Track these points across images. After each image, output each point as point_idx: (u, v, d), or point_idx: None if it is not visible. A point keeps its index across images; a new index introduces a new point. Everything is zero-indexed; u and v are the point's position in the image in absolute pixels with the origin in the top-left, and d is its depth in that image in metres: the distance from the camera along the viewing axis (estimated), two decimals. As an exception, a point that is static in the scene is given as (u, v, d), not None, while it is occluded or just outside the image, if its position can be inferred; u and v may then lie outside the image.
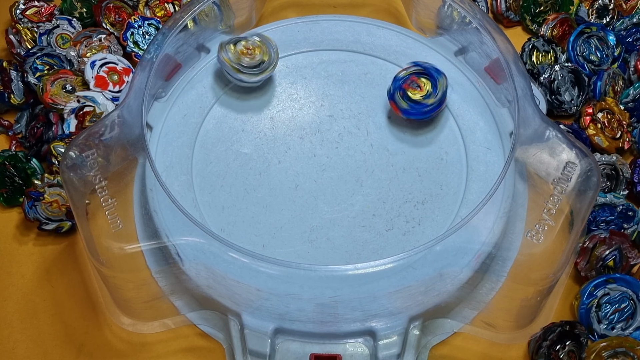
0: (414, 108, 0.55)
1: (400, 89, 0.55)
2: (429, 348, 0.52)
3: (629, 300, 0.53)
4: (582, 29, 0.65)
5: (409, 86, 0.55)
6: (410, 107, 0.55)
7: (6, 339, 0.53)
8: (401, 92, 0.55)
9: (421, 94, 0.55)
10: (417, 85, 0.54)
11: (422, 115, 0.55)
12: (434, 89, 0.55)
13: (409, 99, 0.54)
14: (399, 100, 0.55)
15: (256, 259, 0.47)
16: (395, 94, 0.55)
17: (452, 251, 0.50)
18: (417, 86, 0.54)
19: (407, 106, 0.55)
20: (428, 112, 0.55)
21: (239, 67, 0.56)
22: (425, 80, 0.55)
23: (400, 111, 0.55)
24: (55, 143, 0.58)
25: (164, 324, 0.53)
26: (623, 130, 0.60)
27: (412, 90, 0.55)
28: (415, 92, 0.55)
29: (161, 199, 0.52)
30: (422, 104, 0.55)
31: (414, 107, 0.55)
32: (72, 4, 0.67)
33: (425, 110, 0.55)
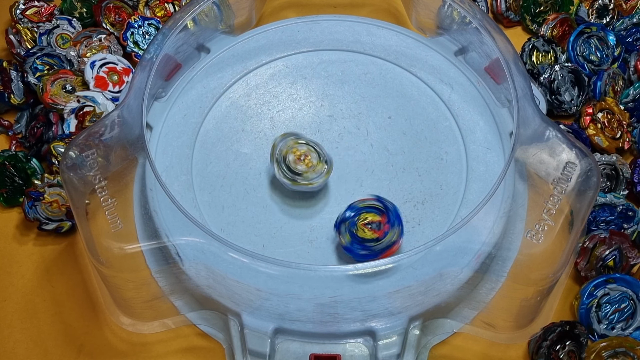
0: (353, 246, 0.49)
1: (352, 221, 0.49)
2: (429, 348, 0.52)
3: (629, 300, 0.53)
4: (582, 29, 0.65)
5: (364, 225, 0.49)
6: (351, 243, 0.49)
7: (6, 339, 0.53)
8: (351, 224, 0.49)
9: (368, 235, 0.49)
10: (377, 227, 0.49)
11: (357, 257, 0.50)
12: (383, 236, 0.49)
13: (356, 234, 0.49)
14: (344, 232, 0.49)
15: (256, 259, 0.47)
16: (342, 225, 0.50)
17: (452, 251, 0.50)
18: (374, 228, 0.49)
19: (346, 242, 0.49)
20: (364, 256, 0.49)
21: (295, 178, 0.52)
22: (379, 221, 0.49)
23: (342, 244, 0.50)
24: (55, 143, 0.58)
25: (164, 324, 0.53)
26: (623, 130, 0.60)
27: (362, 228, 0.49)
28: (364, 231, 0.49)
29: (161, 199, 0.52)
30: (364, 245, 0.49)
31: (354, 245, 0.49)
32: (72, 4, 0.68)
33: (362, 253, 0.49)
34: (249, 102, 0.58)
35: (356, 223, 0.49)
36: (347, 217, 0.49)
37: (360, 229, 0.49)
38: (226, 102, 0.58)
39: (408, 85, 0.59)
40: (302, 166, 0.52)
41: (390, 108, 0.58)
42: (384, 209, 0.49)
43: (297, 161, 0.52)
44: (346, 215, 0.50)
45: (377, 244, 0.49)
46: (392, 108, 0.58)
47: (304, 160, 0.52)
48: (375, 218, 0.49)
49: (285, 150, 0.52)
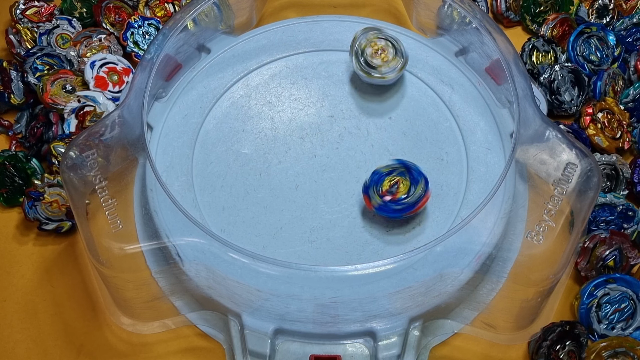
0: (386, 206, 0.51)
1: (377, 183, 0.51)
2: (429, 349, 0.52)
3: (629, 300, 0.53)
4: (582, 29, 0.65)
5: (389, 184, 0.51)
6: (384, 204, 0.51)
7: (6, 339, 0.53)
8: (378, 186, 0.51)
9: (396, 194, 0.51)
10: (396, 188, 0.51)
11: (393, 214, 0.51)
12: (409, 192, 0.51)
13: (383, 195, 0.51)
14: (373, 195, 0.51)
15: (256, 260, 0.47)
16: (370, 189, 0.51)
17: (453, 252, 0.50)
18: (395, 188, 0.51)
19: (378, 203, 0.51)
20: (400, 211, 0.51)
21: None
22: (404, 181, 0.51)
23: (372, 207, 0.51)
24: (55, 143, 0.58)
25: (164, 324, 0.53)
26: (623, 130, 0.60)
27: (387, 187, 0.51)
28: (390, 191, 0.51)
29: (161, 199, 0.52)
30: (395, 202, 0.50)
31: (387, 205, 0.51)
32: (72, 4, 0.67)
33: (396, 208, 0.51)
34: (250, 103, 0.58)
35: (382, 182, 0.51)
36: (372, 184, 0.51)
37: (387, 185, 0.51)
38: (227, 102, 0.58)
39: (408, 86, 0.59)
40: (378, 60, 0.55)
41: (390, 108, 0.58)
42: (406, 169, 0.51)
43: (374, 54, 0.54)
44: (372, 183, 0.51)
45: (408, 197, 0.51)
46: (392, 108, 0.58)
47: (381, 55, 0.54)
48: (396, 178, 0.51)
49: (364, 43, 0.55)
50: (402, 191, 0.51)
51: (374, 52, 0.55)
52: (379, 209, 0.51)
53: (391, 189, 0.50)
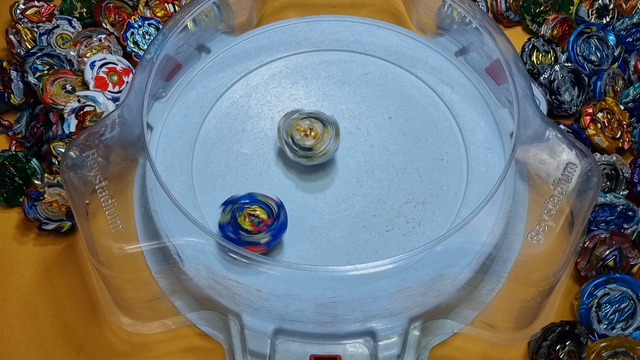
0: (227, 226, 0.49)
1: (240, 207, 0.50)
2: (429, 349, 0.52)
3: (629, 300, 0.53)
4: (582, 29, 0.65)
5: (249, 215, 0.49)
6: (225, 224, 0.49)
7: (6, 339, 0.53)
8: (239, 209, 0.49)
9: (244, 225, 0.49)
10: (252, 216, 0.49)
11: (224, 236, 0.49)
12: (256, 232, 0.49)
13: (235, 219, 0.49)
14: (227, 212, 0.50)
15: (256, 260, 0.47)
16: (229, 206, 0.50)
17: (453, 252, 0.50)
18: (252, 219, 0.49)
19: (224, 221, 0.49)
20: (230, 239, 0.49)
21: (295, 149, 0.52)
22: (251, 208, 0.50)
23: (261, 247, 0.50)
24: (55, 143, 0.58)
25: (164, 324, 0.53)
26: (623, 130, 0.60)
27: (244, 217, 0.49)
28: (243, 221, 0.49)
29: (161, 199, 0.52)
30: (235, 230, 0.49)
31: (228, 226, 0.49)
32: (72, 4, 0.67)
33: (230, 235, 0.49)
34: (250, 103, 0.58)
35: (244, 209, 0.49)
36: (239, 201, 0.50)
37: (244, 215, 0.49)
38: (226, 102, 0.58)
39: (408, 86, 0.59)
40: (311, 140, 0.52)
41: (390, 108, 0.58)
42: (276, 216, 0.50)
43: (304, 137, 0.52)
44: (240, 199, 0.50)
45: (246, 235, 0.49)
46: (392, 108, 0.58)
47: (311, 134, 0.52)
48: (263, 215, 0.49)
49: (290, 130, 0.53)
50: (247, 224, 0.49)
51: (303, 136, 0.52)
52: (220, 226, 0.50)
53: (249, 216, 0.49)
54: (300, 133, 0.52)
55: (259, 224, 0.49)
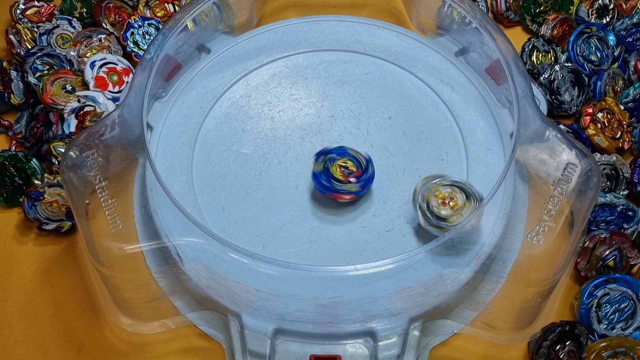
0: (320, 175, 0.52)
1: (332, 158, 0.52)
2: (429, 349, 0.52)
3: (629, 300, 0.53)
4: (582, 29, 0.65)
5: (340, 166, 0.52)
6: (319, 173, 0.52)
7: (6, 339, 0.53)
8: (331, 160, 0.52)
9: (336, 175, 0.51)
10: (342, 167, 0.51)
11: (319, 187, 0.52)
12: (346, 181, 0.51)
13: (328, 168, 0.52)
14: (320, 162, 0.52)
15: (256, 260, 0.47)
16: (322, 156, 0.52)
17: (453, 252, 0.50)
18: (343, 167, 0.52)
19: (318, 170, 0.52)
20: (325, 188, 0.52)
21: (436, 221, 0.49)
22: (342, 160, 0.52)
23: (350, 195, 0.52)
24: (55, 143, 0.58)
25: (164, 324, 0.53)
26: (623, 130, 0.60)
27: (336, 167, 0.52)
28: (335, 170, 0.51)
29: (161, 199, 0.52)
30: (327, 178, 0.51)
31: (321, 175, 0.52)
32: (72, 4, 0.67)
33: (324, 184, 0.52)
34: (250, 103, 0.58)
35: (335, 160, 0.52)
36: (331, 152, 0.52)
37: (335, 165, 0.51)
38: (226, 102, 0.58)
39: (408, 86, 0.59)
40: (448, 210, 0.49)
41: (390, 108, 0.58)
42: (364, 169, 0.52)
43: (440, 205, 0.49)
44: (332, 151, 0.52)
45: (337, 184, 0.51)
46: (392, 108, 0.58)
47: (449, 204, 0.49)
48: (352, 167, 0.52)
49: (427, 194, 0.49)
50: (338, 174, 0.51)
51: (440, 203, 0.48)
52: (314, 175, 0.52)
53: (339, 167, 0.52)
54: (439, 200, 0.49)
55: (349, 174, 0.51)
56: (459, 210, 0.48)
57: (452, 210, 0.48)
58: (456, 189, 0.49)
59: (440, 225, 0.49)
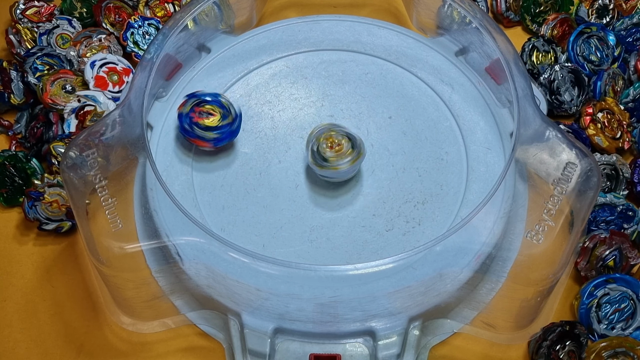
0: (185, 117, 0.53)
1: (189, 123, 0.53)
2: (429, 348, 0.52)
3: (629, 300, 0.53)
4: (582, 29, 0.65)
5: (199, 117, 0.53)
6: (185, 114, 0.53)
7: (6, 339, 0.53)
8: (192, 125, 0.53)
9: (216, 118, 0.53)
10: (207, 113, 0.53)
11: (181, 129, 0.54)
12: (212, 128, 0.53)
13: (206, 127, 0.53)
14: (189, 104, 0.53)
15: (256, 259, 0.47)
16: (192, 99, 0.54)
17: (452, 251, 0.50)
18: (207, 114, 0.53)
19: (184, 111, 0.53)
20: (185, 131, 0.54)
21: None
22: (211, 107, 0.54)
23: (208, 143, 0.54)
24: (55, 143, 0.58)
25: (164, 324, 0.53)
26: (623, 130, 0.60)
27: (203, 119, 0.53)
28: (209, 119, 0.53)
29: (161, 199, 0.52)
30: (190, 122, 0.53)
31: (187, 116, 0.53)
32: (72, 4, 0.67)
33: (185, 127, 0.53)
34: (250, 102, 0.58)
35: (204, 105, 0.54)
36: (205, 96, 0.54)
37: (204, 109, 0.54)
38: (227, 102, 0.58)
39: (408, 86, 0.59)
40: (332, 153, 0.52)
41: (390, 108, 0.58)
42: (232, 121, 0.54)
43: (327, 148, 0.52)
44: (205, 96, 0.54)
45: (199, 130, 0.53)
46: (392, 108, 0.58)
47: (335, 148, 0.52)
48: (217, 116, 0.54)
49: (319, 137, 0.53)
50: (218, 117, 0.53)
51: (328, 146, 0.52)
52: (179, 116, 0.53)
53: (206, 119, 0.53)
54: (328, 143, 0.52)
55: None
56: (340, 155, 0.52)
57: (335, 154, 0.52)
58: (346, 137, 0.52)
59: (323, 165, 0.52)
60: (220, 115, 0.53)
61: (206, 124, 0.53)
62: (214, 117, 0.53)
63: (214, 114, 0.53)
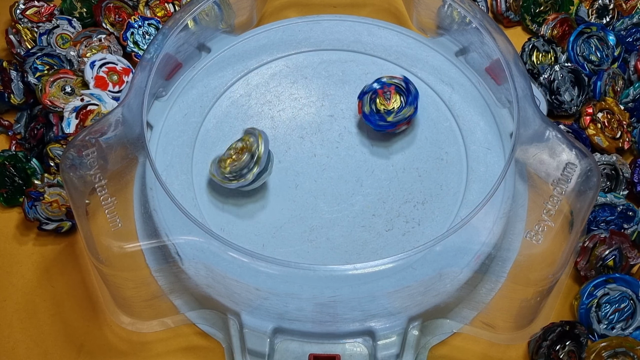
0: (372, 116, 0.54)
1: (374, 92, 0.54)
2: (429, 348, 0.52)
3: (628, 300, 0.53)
4: (582, 29, 0.65)
5: (382, 94, 0.54)
6: (370, 113, 0.54)
7: (6, 339, 0.53)
8: (373, 95, 0.54)
9: (385, 107, 0.54)
10: (388, 98, 0.54)
11: (376, 127, 0.55)
12: (399, 110, 0.54)
13: (375, 105, 0.54)
14: (366, 103, 0.55)
15: (256, 259, 0.47)
16: (365, 96, 0.55)
17: (452, 251, 0.50)
18: (388, 98, 0.54)
19: (368, 111, 0.55)
20: (382, 126, 0.55)
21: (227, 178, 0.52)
22: (398, 98, 0.54)
23: (361, 112, 0.55)
24: (52, 145, 0.58)
25: (164, 323, 0.53)
26: (623, 130, 0.60)
27: (381, 99, 0.54)
28: (382, 103, 0.54)
29: (161, 198, 0.52)
30: (380, 116, 0.54)
31: (373, 115, 0.54)
32: (72, 4, 0.67)
33: (380, 124, 0.55)
34: (250, 102, 0.58)
35: (377, 95, 0.54)
36: (372, 89, 0.54)
37: (379, 101, 0.54)
38: (227, 101, 0.58)
39: (408, 85, 0.59)
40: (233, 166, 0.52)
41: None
42: (406, 90, 0.54)
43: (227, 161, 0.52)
44: (373, 86, 0.54)
45: (391, 116, 0.53)
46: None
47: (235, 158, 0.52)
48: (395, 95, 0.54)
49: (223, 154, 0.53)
50: (389, 107, 0.53)
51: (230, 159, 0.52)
52: (365, 117, 0.54)
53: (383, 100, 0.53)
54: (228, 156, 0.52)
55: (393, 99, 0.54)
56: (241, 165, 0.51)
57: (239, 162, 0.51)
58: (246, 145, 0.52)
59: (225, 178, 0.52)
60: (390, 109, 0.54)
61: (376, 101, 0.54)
62: (385, 105, 0.54)
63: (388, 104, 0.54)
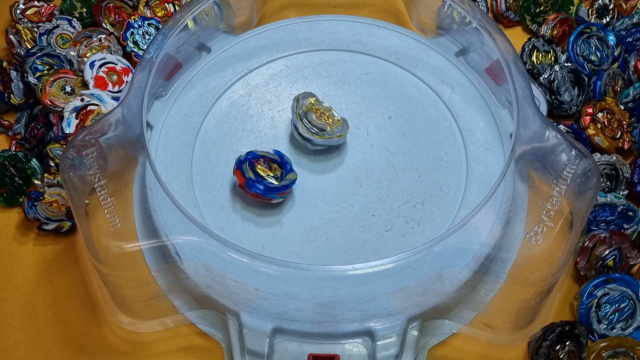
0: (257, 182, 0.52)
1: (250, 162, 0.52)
2: (428, 349, 0.52)
3: (628, 300, 0.53)
4: (582, 29, 0.65)
5: (259, 163, 0.53)
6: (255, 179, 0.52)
7: (6, 339, 0.53)
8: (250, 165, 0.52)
9: (268, 173, 0.52)
10: (268, 166, 0.53)
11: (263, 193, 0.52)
12: (282, 176, 0.53)
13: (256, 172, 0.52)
14: (246, 170, 0.52)
15: (255, 259, 0.47)
16: (243, 165, 0.52)
17: (452, 252, 0.50)
18: (267, 167, 0.53)
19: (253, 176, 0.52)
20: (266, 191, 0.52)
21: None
22: (277, 166, 0.53)
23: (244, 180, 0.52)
24: (52, 145, 0.58)
25: (163, 323, 0.53)
26: (623, 130, 0.60)
27: (262, 167, 0.52)
28: (264, 169, 0.52)
29: (161, 198, 0.52)
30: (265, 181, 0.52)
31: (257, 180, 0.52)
32: (72, 4, 0.67)
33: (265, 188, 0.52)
34: (250, 102, 0.58)
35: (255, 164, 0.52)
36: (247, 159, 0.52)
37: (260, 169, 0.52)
38: (227, 101, 0.58)
39: (408, 86, 0.59)
40: (324, 121, 0.54)
41: (390, 108, 0.58)
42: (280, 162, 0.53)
43: (319, 117, 0.54)
44: (248, 156, 0.52)
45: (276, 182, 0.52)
46: (392, 108, 0.58)
47: (325, 116, 0.54)
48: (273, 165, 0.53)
49: (306, 107, 0.54)
50: (272, 173, 0.52)
51: (318, 116, 0.55)
52: (247, 184, 0.52)
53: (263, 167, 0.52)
54: (317, 113, 0.54)
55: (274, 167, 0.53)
56: (333, 123, 0.55)
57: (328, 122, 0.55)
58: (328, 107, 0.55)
59: (320, 133, 0.54)
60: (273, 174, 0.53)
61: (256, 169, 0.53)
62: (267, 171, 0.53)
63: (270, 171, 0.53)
